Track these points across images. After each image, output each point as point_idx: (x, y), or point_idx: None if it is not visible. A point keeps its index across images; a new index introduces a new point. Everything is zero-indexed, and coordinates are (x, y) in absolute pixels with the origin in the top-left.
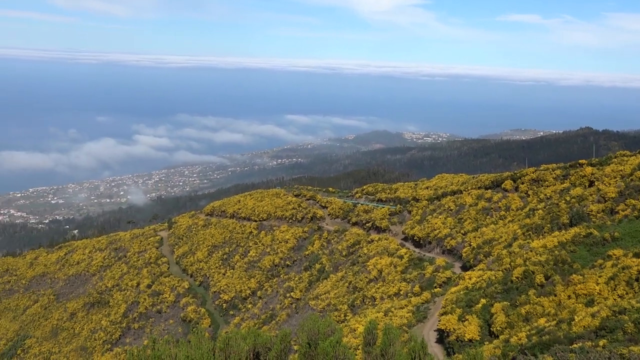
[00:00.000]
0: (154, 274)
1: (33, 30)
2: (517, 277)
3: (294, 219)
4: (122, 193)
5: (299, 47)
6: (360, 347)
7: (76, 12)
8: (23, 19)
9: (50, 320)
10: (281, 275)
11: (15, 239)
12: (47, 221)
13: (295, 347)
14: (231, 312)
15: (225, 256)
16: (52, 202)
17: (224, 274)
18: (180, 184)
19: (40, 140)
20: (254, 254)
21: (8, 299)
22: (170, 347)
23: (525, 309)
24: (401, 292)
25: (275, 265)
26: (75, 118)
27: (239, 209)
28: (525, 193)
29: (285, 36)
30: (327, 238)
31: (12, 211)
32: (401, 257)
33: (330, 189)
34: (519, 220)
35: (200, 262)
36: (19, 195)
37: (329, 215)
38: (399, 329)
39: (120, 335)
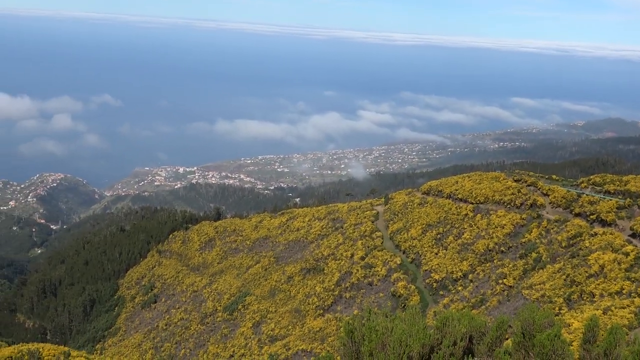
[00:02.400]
0: (368, 247)
1: (273, 7)
2: None
3: (512, 204)
4: (342, 166)
5: (529, 27)
6: (574, 343)
7: None
8: None
9: (269, 281)
10: (494, 261)
11: (243, 202)
12: (272, 187)
13: (506, 336)
14: (441, 292)
15: (438, 236)
16: (278, 170)
17: (436, 254)
18: (399, 160)
19: (272, 111)
20: (468, 237)
21: (233, 257)
22: (386, 320)
23: None
24: (624, 291)
25: (489, 250)
26: (304, 91)
27: (456, 190)
28: None
29: (515, 15)
30: (546, 227)
31: (242, 176)
32: (627, 254)
33: (554, 176)
34: None
35: (414, 239)
36: (249, 161)
37: (549, 203)
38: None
39: (332, 302)
